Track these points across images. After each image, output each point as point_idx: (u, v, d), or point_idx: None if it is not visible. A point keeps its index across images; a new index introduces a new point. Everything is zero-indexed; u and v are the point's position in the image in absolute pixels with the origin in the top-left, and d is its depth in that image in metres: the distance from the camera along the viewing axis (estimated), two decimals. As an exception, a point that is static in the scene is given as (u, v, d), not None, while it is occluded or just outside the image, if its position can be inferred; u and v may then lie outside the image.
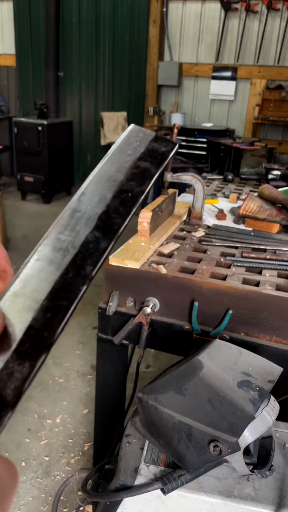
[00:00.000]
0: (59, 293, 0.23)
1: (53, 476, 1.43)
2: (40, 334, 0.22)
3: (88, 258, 0.24)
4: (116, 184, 0.27)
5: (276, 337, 0.85)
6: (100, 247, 0.25)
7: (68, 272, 0.24)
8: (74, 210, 0.26)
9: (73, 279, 0.23)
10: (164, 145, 0.28)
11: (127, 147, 0.28)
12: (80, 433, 1.61)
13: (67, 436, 1.59)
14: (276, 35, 4.21)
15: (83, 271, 0.24)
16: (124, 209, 0.26)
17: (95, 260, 0.24)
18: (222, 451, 0.60)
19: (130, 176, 0.27)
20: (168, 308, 0.91)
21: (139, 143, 0.28)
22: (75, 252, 0.24)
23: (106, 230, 0.25)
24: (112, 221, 0.26)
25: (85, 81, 5.00)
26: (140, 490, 0.64)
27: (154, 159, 0.28)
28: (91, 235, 0.25)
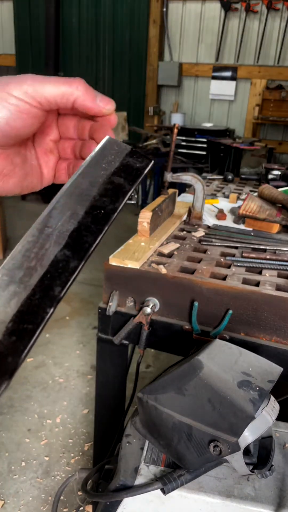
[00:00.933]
0: (25, 315, 0.22)
1: (53, 476, 1.43)
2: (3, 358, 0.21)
3: (57, 278, 0.23)
4: (88, 200, 0.26)
5: (276, 337, 0.85)
6: (69, 266, 0.24)
7: (35, 293, 0.22)
8: (44, 225, 0.25)
9: (40, 301, 0.22)
10: (139, 161, 0.27)
11: (102, 160, 0.27)
12: (80, 433, 1.61)
13: (67, 436, 1.59)
14: (276, 35, 4.21)
15: (51, 292, 0.23)
16: (96, 227, 0.25)
17: (64, 281, 0.23)
18: (222, 451, 0.60)
19: (103, 192, 0.26)
20: (168, 308, 0.91)
21: (114, 156, 0.27)
22: (43, 272, 0.23)
23: (76, 248, 0.24)
24: (83, 239, 0.24)
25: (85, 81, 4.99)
26: (140, 490, 0.64)
27: (128, 175, 0.27)
28: (60, 254, 0.24)
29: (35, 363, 1.99)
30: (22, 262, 0.23)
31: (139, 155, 0.28)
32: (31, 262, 0.23)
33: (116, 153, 0.27)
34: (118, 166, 0.27)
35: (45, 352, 2.08)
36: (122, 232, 3.80)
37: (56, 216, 0.25)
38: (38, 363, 2.00)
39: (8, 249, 3.32)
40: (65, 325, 2.32)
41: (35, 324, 0.22)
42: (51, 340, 2.18)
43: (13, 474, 1.43)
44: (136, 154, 0.28)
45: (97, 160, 0.27)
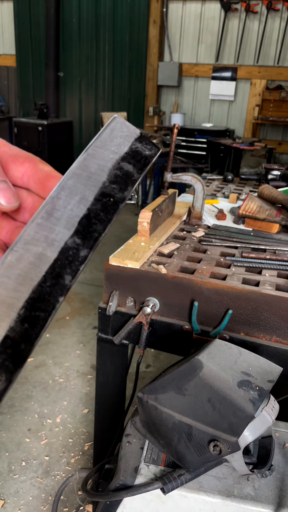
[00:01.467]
0: (36, 302, 0.21)
1: (53, 476, 1.43)
2: (17, 345, 0.20)
3: (67, 267, 0.22)
4: (98, 185, 0.24)
5: (276, 337, 0.85)
6: (79, 255, 0.23)
7: (46, 280, 0.22)
8: (53, 208, 0.23)
9: (51, 289, 0.22)
10: (148, 148, 0.26)
11: (110, 142, 0.25)
12: (80, 432, 1.61)
13: (67, 436, 1.59)
14: (276, 35, 4.21)
15: (62, 281, 0.22)
16: (106, 216, 0.24)
17: (74, 270, 0.22)
18: (222, 450, 0.60)
19: (113, 178, 0.25)
20: (168, 308, 0.91)
21: (123, 140, 0.26)
22: (54, 258, 0.22)
23: (86, 236, 0.23)
24: (93, 228, 0.23)
25: (85, 81, 5.00)
26: (140, 489, 0.64)
27: (137, 163, 0.26)
28: (70, 241, 0.23)
29: (35, 363, 2.00)
30: (32, 246, 0.22)
31: (148, 142, 0.26)
32: (41, 246, 0.22)
33: (125, 136, 0.26)
34: (127, 151, 0.25)
35: (45, 352, 2.08)
36: (122, 232, 3.80)
37: (65, 199, 0.24)
38: (38, 363, 2.00)
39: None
40: (65, 325, 2.32)
41: (46, 312, 0.21)
42: (52, 340, 2.18)
43: (13, 473, 1.43)
44: (145, 140, 0.26)
45: (105, 142, 0.25)
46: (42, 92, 5.07)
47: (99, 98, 5.01)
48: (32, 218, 0.23)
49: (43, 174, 0.27)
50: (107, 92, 4.97)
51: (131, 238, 1.05)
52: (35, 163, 0.28)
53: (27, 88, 5.25)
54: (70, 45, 4.89)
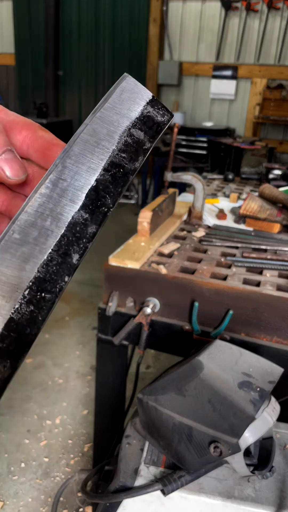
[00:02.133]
0: (42, 283, 0.20)
1: (53, 477, 1.43)
2: (22, 329, 0.19)
3: (74, 244, 0.20)
4: (107, 153, 0.22)
5: (277, 337, 0.84)
6: (87, 231, 0.21)
7: (52, 259, 0.20)
8: (58, 177, 0.21)
9: (58, 268, 0.20)
10: (160, 114, 0.23)
11: (121, 104, 0.23)
12: (80, 434, 1.61)
13: (67, 437, 1.59)
14: (276, 34, 4.20)
15: (69, 259, 0.20)
16: (115, 189, 0.22)
17: (82, 248, 0.20)
18: (222, 452, 0.59)
19: (123, 146, 0.22)
20: (168, 308, 0.91)
21: (134, 102, 0.23)
22: (60, 234, 0.20)
23: (94, 211, 0.21)
24: (102, 201, 0.21)
25: (85, 80, 4.99)
26: (140, 491, 0.63)
27: (149, 130, 0.23)
28: (78, 215, 0.21)
29: (34, 363, 1.99)
30: (36, 219, 0.20)
31: (160, 106, 0.24)
32: (45, 220, 0.20)
33: (136, 98, 0.23)
34: (138, 116, 0.23)
35: (45, 353, 2.08)
36: (122, 232, 3.79)
37: (71, 168, 0.21)
38: (37, 363, 1.99)
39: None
40: (64, 326, 2.32)
41: (53, 293, 0.20)
42: (51, 340, 2.18)
43: (12, 475, 1.42)
44: (157, 104, 0.24)
45: (115, 104, 0.23)
46: (42, 91, 5.06)
47: (99, 97, 5.00)
48: (35, 188, 0.21)
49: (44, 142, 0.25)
50: (107, 91, 4.95)
51: (131, 238, 1.04)
52: (35, 130, 0.25)
53: (27, 87, 5.24)
54: (70, 43, 4.87)
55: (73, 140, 0.22)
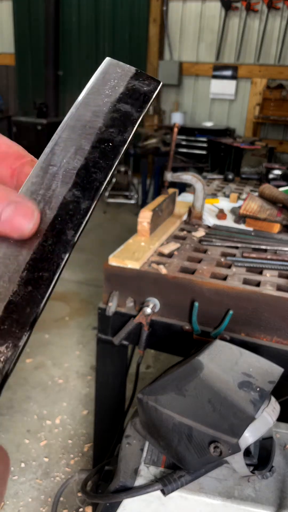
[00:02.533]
0: (39, 263, 0.20)
1: (53, 477, 1.43)
2: (22, 309, 0.20)
3: (69, 221, 0.21)
4: (94, 132, 0.23)
5: (277, 337, 0.84)
6: (80, 208, 0.22)
7: (47, 239, 0.21)
8: (48, 164, 0.22)
9: (54, 247, 0.21)
10: (146, 84, 0.24)
11: (104, 86, 0.24)
12: (80, 434, 1.61)
13: (67, 437, 1.59)
14: (276, 34, 4.20)
15: (64, 237, 0.21)
16: (105, 163, 0.22)
17: (77, 224, 0.21)
18: (222, 452, 0.59)
19: (109, 122, 0.23)
20: (168, 308, 0.91)
21: (117, 81, 0.24)
22: (53, 215, 0.21)
23: (86, 188, 0.22)
24: (93, 177, 0.22)
25: (84, 80, 4.96)
26: (140, 491, 0.63)
27: (135, 101, 0.24)
28: (69, 195, 0.22)
29: (34, 363, 1.99)
30: None
31: (146, 77, 0.24)
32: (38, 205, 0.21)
33: (120, 76, 0.24)
34: (123, 91, 0.24)
35: (45, 353, 2.08)
36: (122, 232, 3.80)
37: (59, 153, 0.23)
38: (37, 363, 1.99)
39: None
40: (64, 326, 2.32)
41: (50, 271, 0.21)
42: (51, 340, 2.18)
43: (12, 475, 1.42)
44: (142, 76, 0.24)
45: (99, 87, 0.24)
46: (42, 91, 5.06)
47: (99, 97, 4.99)
48: (27, 179, 0.22)
49: None
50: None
51: (131, 238, 1.04)
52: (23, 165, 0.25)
53: (26, 87, 5.24)
54: (70, 43, 4.87)
55: (60, 128, 0.23)
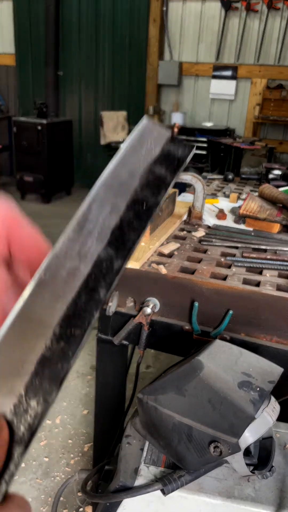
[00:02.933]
0: (71, 320, 0.21)
1: (53, 477, 1.43)
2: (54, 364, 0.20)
3: (102, 280, 0.22)
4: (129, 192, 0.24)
5: (277, 337, 0.84)
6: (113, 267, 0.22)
7: (80, 296, 0.21)
8: (85, 221, 0.23)
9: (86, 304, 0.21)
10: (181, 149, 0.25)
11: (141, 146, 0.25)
12: (80, 433, 1.61)
13: (67, 437, 1.59)
14: (276, 34, 4.20)
15: (96, 295, 0.21)
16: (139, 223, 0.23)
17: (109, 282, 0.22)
18: (222, 452, 0.60)
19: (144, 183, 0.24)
20: (168, 308, 0.91)
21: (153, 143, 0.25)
22: (87, 272, 0.22)
23: (119, 247, 0.23)
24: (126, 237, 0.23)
25: (85, 80, 4.99)
26: (140, 491, 0.63)
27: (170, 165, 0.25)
28: (104, 253, 0.22)
29: (35, 363, 1.99)
30: (65, 261, 0.22)
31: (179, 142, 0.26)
32: (74, 261, 0.22)
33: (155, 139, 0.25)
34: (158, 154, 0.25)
35: (45, 352, 2.08)
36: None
37: (96, 210, 0.23)
38: (38, 363, 1.99)
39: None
40: (65, 325, 2.32)
41: (82, 328, 0.21)
42: (51, 340, 2.18)
43: (13, 474, 1.42)
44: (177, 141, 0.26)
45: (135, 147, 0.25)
46: (42, 91, 5.06)
47: (99, 97, 5.00)
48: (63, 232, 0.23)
49: None
50: (107, 91, 4.96)
51: (131, 238, 1.04)
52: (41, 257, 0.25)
53: (27, 87, 5.24)
54: (70, 44, 4.87)
55: (97, 184, 0.24)
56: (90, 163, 5.23)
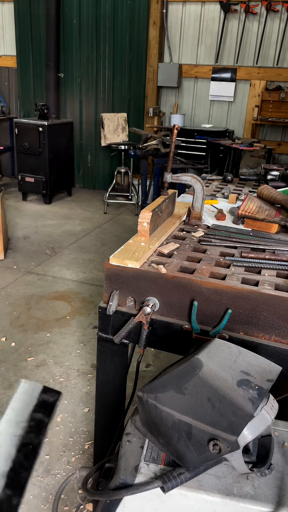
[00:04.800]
0: None
1: (54, 475, 1.43)
2: None
3: None
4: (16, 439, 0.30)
5: (275, 336, 0.85)
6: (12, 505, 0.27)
7: None
8: None
9: None
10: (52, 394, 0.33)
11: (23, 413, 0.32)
12: (81, 431, 1.62)
13: (68, 435, 1.60)
14: (275, 36, 4.22)
15: None
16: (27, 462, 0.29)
17: None
18: (221, 449, 0.60)
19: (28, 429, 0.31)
20: (168, 307, 0.92)
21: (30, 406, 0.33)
22: None
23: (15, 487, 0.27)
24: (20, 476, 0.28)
25: (85, 82, 5.01)
26: (140, 488, 0.64)
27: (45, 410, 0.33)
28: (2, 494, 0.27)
29: (35, 362, 2.00)
30: None
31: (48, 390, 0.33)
32: None
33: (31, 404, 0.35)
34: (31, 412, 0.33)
35: (46, 351, 2.08)
36: (123, 232, 3.81)
37: None
38: (38, 362, 2.00)
39: (9, 249, 3.32)
40: (65, 325, 2.32)
41: None
42: (52, 339, 2.18)
43: (13, 473, 1.43)
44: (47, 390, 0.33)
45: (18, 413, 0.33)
46: (43, 93, 5.08)
47: (99, 99, 5.02)
48: None
49: None
50: (107, 93, 4.98)
51: (131, 238, 1.05)
52: None
53: (28, 89, 5.26)
54: (71, 46, 4.90)
55: None
56: (90, 164, 5.24)
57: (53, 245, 3.45)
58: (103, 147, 4.82)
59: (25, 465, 0.28)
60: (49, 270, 3.00)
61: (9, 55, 5.33)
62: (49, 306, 2.52)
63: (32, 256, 3.22)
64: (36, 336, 2.20)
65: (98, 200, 4.81)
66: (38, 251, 3.31)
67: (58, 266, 3.08)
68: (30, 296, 2.62)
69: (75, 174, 5.25)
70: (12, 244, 3.43)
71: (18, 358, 2.01)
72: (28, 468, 0.28)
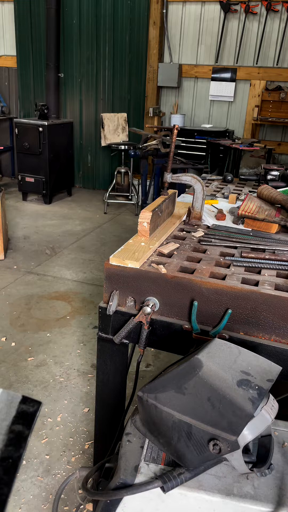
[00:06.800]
0: None
1: (54, 475, 1.43)
2: None
3: None
4: None
5: (275, 336, 0.85)
6: None
7: None
8: None
9: None
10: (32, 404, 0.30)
11: None
12: (81, 431, 1.62)
13: (68, 435, 1.60)
14: (275, 36, 4.22)
15: None
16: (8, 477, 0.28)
17: None
18: (221, 449, 0.60)
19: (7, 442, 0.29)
20: (168, 307, 0.92)
21: None
22: None
23: None
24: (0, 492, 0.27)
25: (85, 82, 5.01)
26: (140, 488, 0.64)
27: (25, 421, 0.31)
28: None
29: (36, 362, 2.00)
30: None
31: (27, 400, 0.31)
32: None
33: None
34: None
35: (46, 351, 2.09)
36: (123, 232, 3.81)
37: None
38: (39, 362, 2.00)
39: (9, 249, 3.32)
40: (66, 324, 2.33)
41: None
42: (52, 339, 2.19)
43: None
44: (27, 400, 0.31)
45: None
46: (43, 93, 5.08)
47: (99, 99, 5.02)
48: None
49: None
50: (107, 93, 4.98)
51: (131, 238, 1.05)
52: None
53: (28, 89, 5.26)
54: (71, 46, 4.90)
55: None
56: (90, 164, 5.24)
57: (53, 245, 3.46)
58: (103, 147, 4.82)
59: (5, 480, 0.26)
60: (49, 270, 3.00)
61: (9, 55, 5.33)
62: (49, 306, 2.52)
63: (32, 256, 3.22)
64: (36, 336, 2.20)
65: (98, 200, 4.81)
66: (38, 251, 3.31)
67: (58, 266, 3.08)
68: (30, 296, 2.62)
69: (75, 174, 5.25)
70: (12, 244, 3.43)
71: (18, 358, 2.01)
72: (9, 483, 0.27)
